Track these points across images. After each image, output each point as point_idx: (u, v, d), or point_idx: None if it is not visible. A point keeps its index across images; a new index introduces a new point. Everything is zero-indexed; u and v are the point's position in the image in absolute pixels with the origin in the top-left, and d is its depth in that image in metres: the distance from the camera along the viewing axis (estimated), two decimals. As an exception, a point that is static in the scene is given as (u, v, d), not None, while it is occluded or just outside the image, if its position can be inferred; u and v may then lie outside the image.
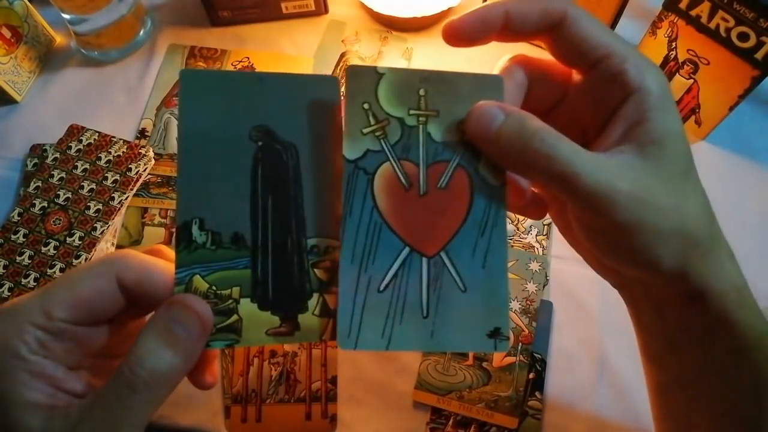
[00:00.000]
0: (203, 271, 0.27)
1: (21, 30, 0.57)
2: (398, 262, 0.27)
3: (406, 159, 0.28)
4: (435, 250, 0.28)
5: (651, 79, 0.27)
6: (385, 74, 0.28)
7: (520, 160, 0.26)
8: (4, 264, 0.47)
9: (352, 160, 0.27)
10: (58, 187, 0.50)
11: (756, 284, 0.49)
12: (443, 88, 0.28)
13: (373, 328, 0.26)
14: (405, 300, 0.27)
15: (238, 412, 0.45)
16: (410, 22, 0.60)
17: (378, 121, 0.28)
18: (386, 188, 0.27)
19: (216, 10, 0.61)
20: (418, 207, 0.28)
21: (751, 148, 0.56)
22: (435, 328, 0.27)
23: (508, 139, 0.25)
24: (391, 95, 0.28)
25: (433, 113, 0.28)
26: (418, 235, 0.27)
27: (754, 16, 0.45)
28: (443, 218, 0.28)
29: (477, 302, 0.27)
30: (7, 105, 0.58)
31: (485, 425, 0.44)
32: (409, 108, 0.28)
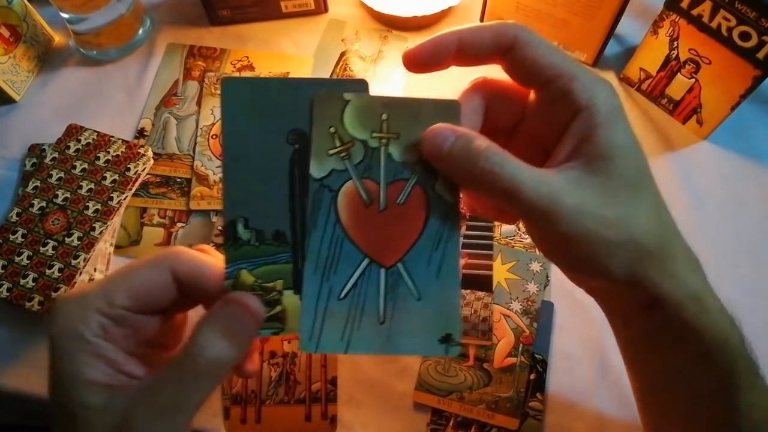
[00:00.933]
0: (249, 265, 0.29)
1: (20, 29, 0.57)
2: (358, 273, 0.30)
3: (368, 178, 0.30)
4: (392, 262, 0.30)
5: (599, 96, 0.28)
6: (351, 101, 0.30)
7: (468, 176, 0.28)
8: (3, 264, 0.47)
9: (318, 179, 0.30)
10: (56, 187, 0.50)
11: (756, 284, 0.50)
12: (403, 113, 0.30)
13: (333, 333, 0.29)
14: (363, 307, 0.29)
15: (238, 413, 0.45)
16: (410, 22, 0.60)
17: (343, 144, 0.30)
18: (349, 204, 0.30)
19: (215, 9, 0.60)
20: (378, 222, 0.30)
21: (753, 148, 0.55)
22: (390, 334, 0.29)
23: (458, 157, 0.27)
24: (356, 120, 0.30)
25: (394, 136, 0.30)
26: (377, 248, 0.30)
27: (755, 16, 0.45)
28: (401, 232, 0.30)
29: (430, 310, 0.29)
30: (5, 104, 0.57)
31: (486, 426, 0.44)
32: (371, 131, 0.30)
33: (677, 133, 0.56)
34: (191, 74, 0.59)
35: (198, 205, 0.52)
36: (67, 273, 0.47)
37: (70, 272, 0.47)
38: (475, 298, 0.48)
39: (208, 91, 0.57)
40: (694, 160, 0.55)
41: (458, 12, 0.63)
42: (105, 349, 0.28)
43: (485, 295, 0.48)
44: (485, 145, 0.27)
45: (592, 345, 0.47)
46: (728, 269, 0.50)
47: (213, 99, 0.57)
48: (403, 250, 0.30)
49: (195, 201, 0.52)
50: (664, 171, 0.54)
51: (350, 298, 0.29)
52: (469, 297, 0.48)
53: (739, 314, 0.49)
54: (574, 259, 0.29)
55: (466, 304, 0.47)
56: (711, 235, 0.51)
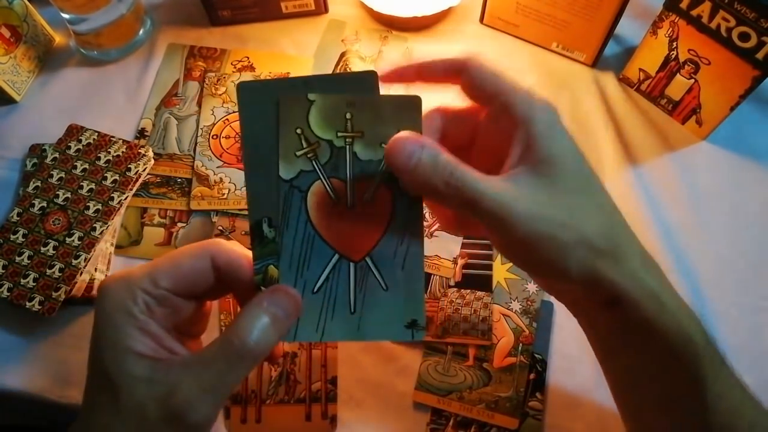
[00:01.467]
0: (275, 261, 0.31)
1: (20, 29, 0.57)
2: (329, 267, 0.31)
3: (335, 177, 0.31)
4: (360, 256, 0.32)
5: (536, 110, 0.31)
6: (315, 101, 0.31)
7: (433, 190, 0.29)
8: (4, 264, 0.47)
9: (287, 180, 0.31)
10: (57, 187, 0.50)
11: (756, 284, 0.50)
12: (367, 111, 0.31)
13: (308, 324, 0.31)
14: (335, 299, 0.31)
15: (238, 413, 0.45)
16: (410, 22, 0.60)
17: (309, 144, 0.31)
18: (318, 203, 0.31)
19: (216, 9, 0.61)
20: (346, 219, 0.31)
21: (752, 148, 0.56)
22: (361, 322, 0.31)
23: (424, 173, 0.29)
24: (321, 120, 0.31)
25: (359, 134, 0.31)
26: (346, 244, 0.32)
27: (755, 16, 0.45)
28: (368, 228, 0.32)
29: (397, 299, 0.31)
30: (6, 105, 0.58)
31: (486, 426, 0.44)
32: (337, 131, 0.31)
33: (676, 133, 0.56)
34: (192, 74, 0.59)
35: (198, 205, 0.52)
36: (67, 273, 0.47)
37: (70, 272, 0.47)
38: (474, 298, 0.48)
39: (209, 91, 0.58)
40: (694, 160, 0.55)
41: (458, 12, 0.63)
42: (150, 326, 0.30)
43: (485, 294, 0.48)
44: (449, 159, 0.29)
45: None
46: (727, 269, 0.50)
47: (213, 99, 0.57)
48: (371, 245, 0.32)
49: (195, 201, 0.52)
50: (663, 171, 0.54)
51: (323, 291, 0.32)
52: (468, 297, 0.48)
53: (738, 314, 0.49)
54: (535, 262, 0.31)
55: (465, 304, 0.48)
56: (710, 234, 0.51)
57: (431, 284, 0.48)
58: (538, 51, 0.61)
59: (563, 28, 0.57)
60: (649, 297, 0.31)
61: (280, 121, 0.31)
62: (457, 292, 0.48)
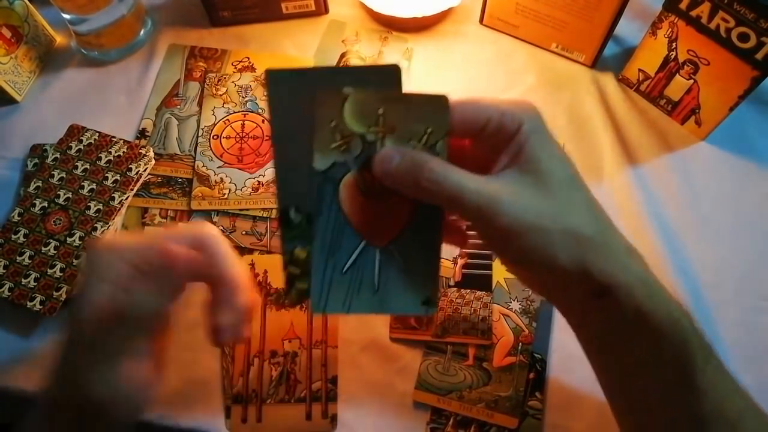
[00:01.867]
0: (302, 243, 0.34)
1: (21, 30, 0.57)
2: (357, 252, 0.34)
3: (365, 169, 0.33)
4: (385, 243, 0.34)
5: (526, 122, 0.32)
6: (350, 96, 0.32)
7: (416, 188, 0.31)
8: (5, 264, 0.47)
9: (321, 171, 0.33)
10: (58, 187, 0.50)
11: (756, 284, 0.50)
12: (398, 108, 0.33)
13: (337, 300, 0.34)
14: (362, 279, 0.34)
15: (239, 412, 0.45)
16: (410, 22, 0.60)
17: (343, 137, 0.33)
18: (349, 194, 0.33)
19: (216, 10, 0.61)
20: (374, 209, 0.34)
21: (751, 149, 0.56)
22: (383, 299, 0.34)
23: (405, 172, 0.31)
24: (354, 114, 0.33)
25: (390, 130, 0.33)
26: (373, 231, 0.34)
27: (754, 17, 0.45)
28: (393, 218, 0.34)
29: (415, 280, 0.34)
30: (7, 105, 0.58)
31: (485, 425, 0.44)
32: (369, 125, 0.33)
33: (676, 133, 0.56)
34: (192, 75, 0.59)
35: (199, 205, 0.52)
36: (68, 273, 0.47)
37: (71, 272, 0.47)
38: (474, 298, 0.48)
39: (209, 91, 0.58)
40: (693, 160, 0.55)
41: (458, 13, 0.63)
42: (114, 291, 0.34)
43: (484, 294, 0.48)
44: (428, 159, 0.31)
45: (591, 344, 0.47)
46: (727, 269, 0.50)
47: (214, 100, 0.57)
48: (395, 234, 0.34)
49: (196, 201, 0.52)
50: (662, 171, 0.54)
51: (351, 272, 0.34)
52: (468, 297, 0.48)
53: (738, 314, 0.49)
54: (523, 252, 0.32)
55: (465, 304, 0.48)
56: (710, 234, 0.51)
57: (431, 284, 0.49)
58: (537, 51, 0.61)
59: (563, 28, 0.57)
60: (638, 283, 0.32)
61: (316, 114, 0.32)
62: (457, 291, 0.48)
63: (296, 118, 0.33)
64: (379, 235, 0.34)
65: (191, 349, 0.47)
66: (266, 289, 0.49)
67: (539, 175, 0.32)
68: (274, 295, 0.48)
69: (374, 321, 0.48)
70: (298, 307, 0.48)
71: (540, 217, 0.31)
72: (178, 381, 0.46)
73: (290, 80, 0.33)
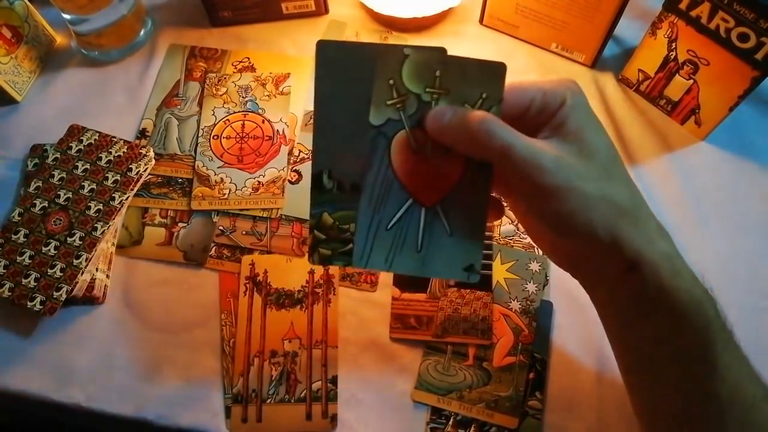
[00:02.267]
0: (330, 209, 0.35)
1: (21, 30, 0.57)
2: (403, 209, 0.35)
3: (419, 128, 0.34)
4: (432, 203, 0.35)
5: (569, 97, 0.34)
6: (410, 55, 0.33)
7: (467, 140, 0.32)
8: (5, 264, 0.47)
9: (375, 126, 0.34)
10: (58, 187, 0.50)
11: (756, 284, 0.50)
12: (455, 71, 0.34)
13: (379, 255, 0.35)
14: (405, 237, 0.35)
15: (239, 412, 0.45)
16: (410, 23, 0.60)
17: (399, 95, 0.34)
18: (400, 151, 0.34)
19: (216, 10, 0.61)
20: (423, 168, 0.34)
21: (751, 149, 0.56)
22: (425, 260, 0.35)
23: (456, 125, 0.32)
24: (412, 74, 0.34)
25: (444, 92, 0.34)
26: (421, 190, 0.35)
27: (754, 17, 0.45)
28: (442, 179, 0.35)
29: (460, 244, 0.35)
30: (7, 105, 0.58)
31: (485, 425, 0.44)
32: (425, 86, 0.34)
33: (675, 133, 0.56)
34: (192, 75, 0.59)
35: (199, 205, 0.52)
36: (69, 273, 0.47)
37: (72, 272, 0.47)
38: (474, 298, 0.48)
39: (210, 91, 0.58)
40: (693, 160, 0.55)
41: (458, 13, 0.63)
42: None
43: (484, 294, 0.48)
44: (480, 113, 0.32)
45: (591, 344, 0.47)
46: (727, 269, 0.50)
47: (214, 100, 0.57)
48: (442, 194, 0.35)
49: (196, 201, 0.52)
50: (662, 171, 0.54)
51: (395, 229, 0.35)
52: (468, 296, 0.48)
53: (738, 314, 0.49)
54: (561, 216, 0.32)
55: (465, 304, 0.48)
56: (709, 234, 0.51)
57: (431, 284, 0.49)
58: (537, 52, 0.61)
59: (562, 28, 0.57)
60: (665, 260, 0.33)
61: (376, 71, 0.33)
62: (456, 291, 0.48)
63: (341, 89, 0.34)
64: (426, 194, 0.35)
65: (191, 349, 0.47)
66: (266, 289, 0.49)
67: (582, 145, 0.33)
68: (274, 295, 0.48)
69: (374, 321, 0.48)
70: (298, 307, 0.48)
71: (582, 180, 0.32)
72: (178, 381, 0.46)
73: (338, 52, 0.34)
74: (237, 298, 0.48)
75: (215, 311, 0.48)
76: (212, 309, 0.48)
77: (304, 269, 0.49)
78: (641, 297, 0.33)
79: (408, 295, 0.48)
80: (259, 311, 0.48)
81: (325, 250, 0.35)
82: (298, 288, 0.49)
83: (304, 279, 0.49)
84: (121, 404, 0.45)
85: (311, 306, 0.48)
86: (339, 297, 0.49)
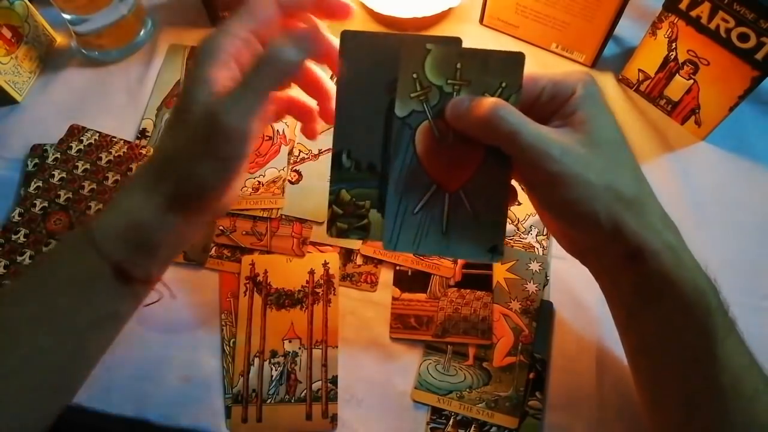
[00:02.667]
0: (348, 186, 0.37)
1: (21, 30, 0.57)
2: (428, 195, 0.37)
3: (441, 118, 0.36)
4: (455, 188, 0.37)
5: (579, 87, 0.35)
6: (432, 50, 0.36)
7: (480, 124, 0.34)
8: (5, 264, 0.47)
9: (401, 117, 0.36)
10: (58, 187, 0.50)
11: (756, 284, 0.50)
12: (475, 63, 0.36)
13: (407, 238, 0.37)
14: (431, 221, 0.37)
15: (239, 412, 0.45)
16: (410, 23, 0.60)
17: (423, 88, 0.36)
18: (424, 140, 0.37)
19: (216, 10, 0.61)
20: (446, 155, 0.37)
21: (751, 149, 0.56)
22: (450, 242, 0.37)
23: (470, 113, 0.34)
24: (434, 67, 0.36)
25: (465, 83, 0.36)
26: (444, 176, 0.37)
27: (754, 17, 0.45)
28: (464, 164, 0.37)
29: (482, 227, 0.37)
30: (7, 105, 0.58)
31: (485, 425, 0.44)
32: (447, 78, 0.36)
33: (675, 133, 0.56)
34: (192, 75, 0.59)
35: (199, 206, 0.52)
36: (69, 273, 0.47)
37: (72, 272, 0.47)
38: (474, 298, 0.48)
39: (209, 91, 0.58)
40: (693, 160, 0.55)
41: (458, 13, 0.63)
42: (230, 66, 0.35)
43: (484, 294, 0.48)
44: (494, 101, 0.34)
45: (591, 344, 0.47)
46: (726, 269, 0.50)
47: (214, 100, 0.57)
48: (465, 180, 0.37)
49: (196, 201, 0.52)
50: (662, 171, 0.54)
51: (421, 213, 0.37)
52: (468, 296, 0.48)
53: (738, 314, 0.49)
54: (566, 204, 0.33)
55: (465, 304, 0.48)
56: (709, 234, 0.51)
57: (431, 284, 0.49)
58: (537, 52, 0.61)
59: (563, 28, 0.57)
60: (668, 250, 0.33)
61: (400, 66, 0.36)
62: (457, 291, 0.48)
63: (362, 76, 0.37)
64: (449, 180, 0.37)
65: (191, 349, 0.47)
66: (266, 289, 0.49)
67: (589, 134, 0.34)
68: (275, 295, 0.48)
69: (374, 321, 0.48)
70: (298, 307, 0.48)
71: (587, 170, 0.32)
72: (178, 381, 0.46)
73: (361, 42, 0.37)
74: (237, 298, 0.48)
75: (215, 311, 0.48)
76: (212, 309, 0.48)
77: (304, 269, 0.49)
78: (643, 286, 0.34)
79: (408, 295, 0.48)
80: (259, 311, 0.48)
81: (342, 224, 0.38)
82: (299, 288, 0.49)
83: (304, 279, 0.49)
84: (121, 404, 0.45)
85: (311, 306, 0.48)
86: (339, 297, 0.49)
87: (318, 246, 0.50)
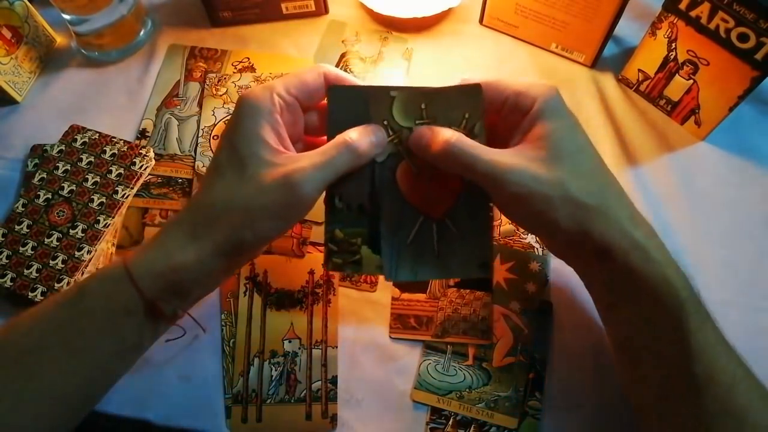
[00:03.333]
0: (341, 226, 0.40)
1: (21, 30, 0.57)
2: (417, 226, 0.40)
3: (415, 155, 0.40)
4: (440, 215, 0.40)
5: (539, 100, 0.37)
6: (396, 96, 0.40)
7: (440, 159, 0.37)
8: (8, 254, 0.47)
9: (380, 162, 0.40)
10: (62, 179, 0.51)
11: (756, 284, 0.50)
12: (438, 100, 0.40)
13: (405, 268, 0.40)
14: (424, 249, 0.40)
15: (239, 413, 0.45)
16: (410, 23, 0.60)
17: (394, 132, 0.40)
18: (405, 178, 0.40)
19: (216, 10, 0.61)
20: (427, 187, 0.40)
21: (751, 149, 0.56)
22: (444, 264, 0.40)
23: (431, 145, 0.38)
24: (401, 111, 0.40)
25: (432, 120, 0.39)
26: (429, 207, 0.40)
27: (754, 17, 0.45)
28: (445, 194, 0.40)
29: (472, 246, 0.40)
30: (7, 105, 0.58)
31: (485, 425, 0.44)
32: (415, 119, 0.40)
33: (675, 133, 0.56)
34: (192, 75, 0.59)
35: (199, 206, 0.52)
36: (70, 264, 0.47)
37: (73, 264, 0.47)
38: (474, 298, 0.48)
39: (210, 92, 0.58)
40: (692, 160, 0.55)
41: (458, 13, 0.63)
42: (279, 125, 0.38)
43: (484, 294, 0.48)
44: (450, 133, 0.37)
45: (590, 344, 0.47)
46: (726, 269, 0.50)
47: (214, 100, 0.57)
48: (448, 207, 0.40)
49: (196, 201, 0.52)
50: (662, 171, 0.54)
51: (414, 244, 0.40)
52: (468, 297, 0.48)
53: (738, 314, 0.49)
54: (530, 217, 0.36)
55: (465, 304, 0.48)
56: (709, 235, 0.51)
57: (431, 284, 0.49)
58: (537, 52, 0.61)
59: (562, 28, 0.57)
60: (635, 248, 0.35)
61: (371, 116, 0.40)
62: (456, 292, 0.48)
63: (346, 123, 0.40)
64: (433, 209, 0.40)
65: (191, 349, 0.47)
66: (266, 289, 0.49)
67: (548, 149, 0.36)
68: (274, 295, 0.48)
69: (374, 321, 0.48)
70: (298, 308, 0.48)
71: (542, 186, 0.35)
72: (178, 381, 0.46)
73: (347, 95, 0.40)
74: (237, 298, 0.48)
75: (215, 311, 0.48)
76: (212, 309, 0.48)
77: (304, 269, 0.49)
78: (615, 283, 0.36)
79: (408, 295, 0.48)
80: (259, 311, 0.48)
81: (337, 260, 0.40)
82: (298, 288, 0.49)
83: (304, 279, 0.49)
84: (121, 404, 0.45)
85: (311, 306, 0.48)
86: (339, 297, 0.49)
87: (318, 246, 0.50)
